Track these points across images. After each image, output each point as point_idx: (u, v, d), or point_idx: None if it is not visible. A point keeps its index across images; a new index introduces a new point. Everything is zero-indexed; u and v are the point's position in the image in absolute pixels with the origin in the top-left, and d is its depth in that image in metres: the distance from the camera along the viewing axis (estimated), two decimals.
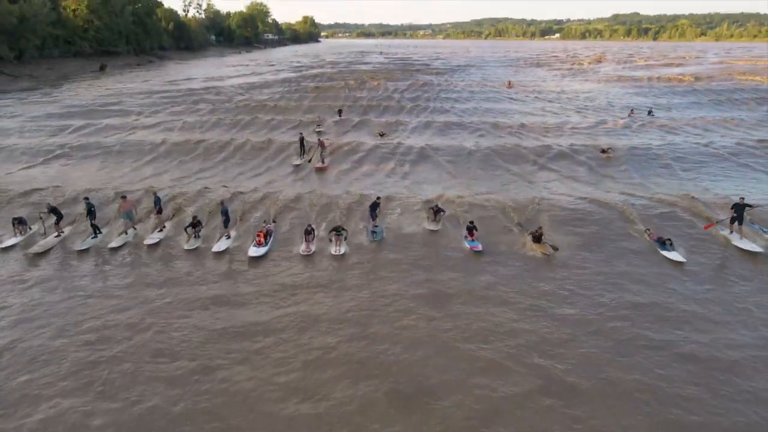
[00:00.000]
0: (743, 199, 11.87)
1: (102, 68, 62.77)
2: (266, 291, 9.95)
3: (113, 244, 11.94)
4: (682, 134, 23.75)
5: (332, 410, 6.75)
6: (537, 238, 11.71)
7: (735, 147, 20.70)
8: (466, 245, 11.83)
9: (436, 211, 13.03)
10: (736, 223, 11.80)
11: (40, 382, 7.33)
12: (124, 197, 13.10)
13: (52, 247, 11.93)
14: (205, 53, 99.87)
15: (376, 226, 12.67)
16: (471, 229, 12.05)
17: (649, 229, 12.43)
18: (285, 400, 6.94)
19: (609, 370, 7.46)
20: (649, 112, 28.92)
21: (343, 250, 11.51)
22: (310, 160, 19.00)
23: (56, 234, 12.46)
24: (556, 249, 11.46)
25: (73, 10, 65.01)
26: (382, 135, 24.03)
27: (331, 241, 11.80)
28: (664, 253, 11.25)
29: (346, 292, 9.89)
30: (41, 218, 12.75)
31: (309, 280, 10.41)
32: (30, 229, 12.80)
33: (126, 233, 12.47)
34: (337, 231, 11.97)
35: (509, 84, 44.27)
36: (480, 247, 11.64)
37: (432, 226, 12.79)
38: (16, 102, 35.91)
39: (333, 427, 6.49)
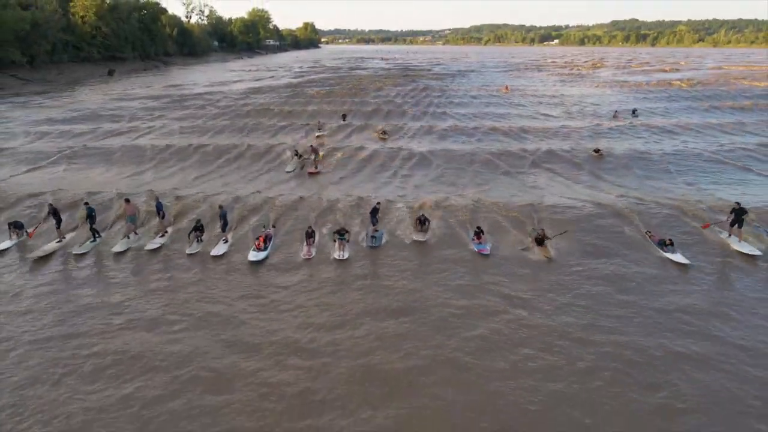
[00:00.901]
0: (739, 204, 12.00)
1: (110, 73, 63.59)
2: (266, 292, 9.99)
3: (116, 249, 11.92)
4: (674, 137, 24.02)
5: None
6: (540, 241, 11.76)
7: (726, 149, 21.02)
8: (474, 248, 11.84)
9: (423, 221, 12.65)
10: (736, 226, 11.86)
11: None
12: (127, 200, 13.17)
13: (53, 252, 11.93)
14: (207, 59, 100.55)
15: (377, 230, 12.53)
16: (478, 233, 12.06)
17: (649, 231, 12.49)
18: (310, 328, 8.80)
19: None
20: (634, 112, 29.86)
21: (346, 255, 11.41)
22: (303, 167, 19.15)
23: (58, 239, 12.49)
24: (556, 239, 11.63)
25: (82, 17, 65.66)
26: (384, 133, 24.12)
27: (334, 242, 11.74)
28: (667, 255, 11.30)
29: (350, 284, 10.10)
30: (48, 218, 12.79)
31: (310, 283, 10.44)
32: (26, 232, 12.76)
33: (129, 237, 12.49)
34: (340, 234, 11.80)
35: (506, 88, 44.57)
36: (488, 250, 11.62)
37: (419, 237, 12.30)
38: (25, 105, 36.27)
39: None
